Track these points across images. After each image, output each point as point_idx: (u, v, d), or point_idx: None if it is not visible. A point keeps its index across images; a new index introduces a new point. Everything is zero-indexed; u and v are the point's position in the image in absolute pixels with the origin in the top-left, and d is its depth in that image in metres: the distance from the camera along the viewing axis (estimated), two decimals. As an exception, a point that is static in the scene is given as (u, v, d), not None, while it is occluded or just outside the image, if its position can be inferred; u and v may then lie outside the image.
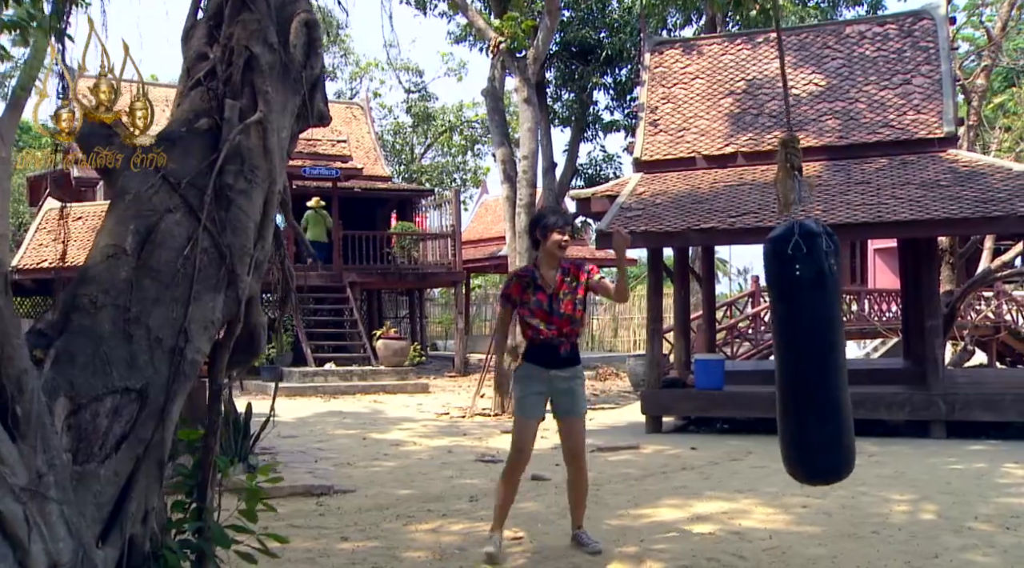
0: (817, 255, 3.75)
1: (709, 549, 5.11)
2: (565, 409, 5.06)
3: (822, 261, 3.77)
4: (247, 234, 3.33)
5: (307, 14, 3.63)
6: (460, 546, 5.28)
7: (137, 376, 3.04)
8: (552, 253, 4.96)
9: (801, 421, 4.02)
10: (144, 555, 3.16)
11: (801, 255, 3.76)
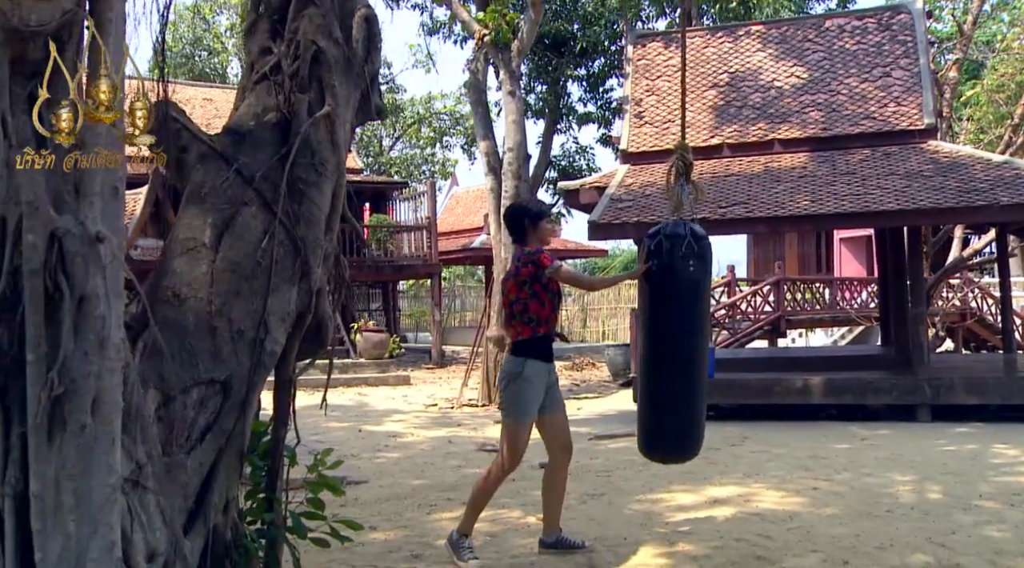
0: (675, 255, 4.17)
1: (734, 530, 5.26)
2: (558, 401, 4.79)
3: (677, 262, 4.19)
4: (319, 226, 3.38)
5: (367, 9, 3.67)
6: (490, 533, 5.36)
7: (221, 368, 3.07)
8: (543, 241, 4.74)
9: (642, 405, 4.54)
10: (226, 544, 3.21)
11: (661, 252, 4.21)
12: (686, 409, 4.37)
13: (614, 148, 19.90)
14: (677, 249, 4.15)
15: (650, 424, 4.48)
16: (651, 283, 4.30)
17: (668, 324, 4.34)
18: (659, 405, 4.42)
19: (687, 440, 4.44)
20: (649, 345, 4.40)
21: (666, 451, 4.58)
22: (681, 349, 4.32)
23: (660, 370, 4.37)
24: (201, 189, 3.25)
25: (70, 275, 2.19)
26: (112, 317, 2.28)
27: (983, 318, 17.93)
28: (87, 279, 2.21)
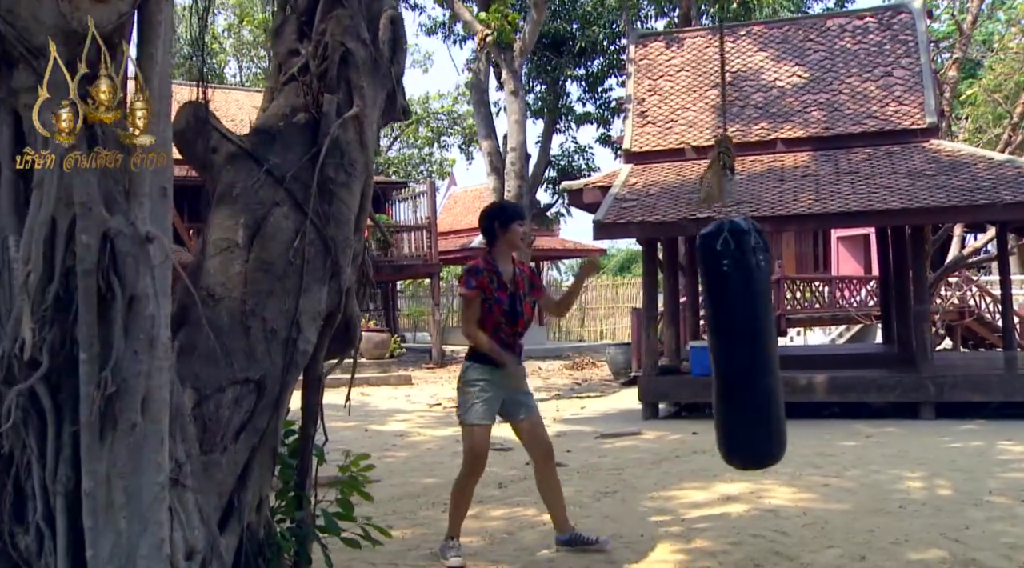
0: (745, 251, 3.90)
1: (749, 526, 5.30)
2: (527, 408, 4.79)
3: (749, 257, 3.92)
4: (349, 226, 3.41)
5: (393, 10, 3.70)
6: (507, 531, 5.39)
7: (255, 367, 3.10)
8: (512, 246, 4.68)
9: (732, 411, 4.17)
10: (259, 542, 3.23)
11: (729, 251, 3.91)
12: (782, 408, 4.11)
13: (613, 147, 19.99)
14: (746, 244, 3.88)
15: (752, 431, 4.10)
16: (728, 282, 3.97)
17: (754, 322, 4.00)
18: (759, 408, 4.03)
19: (784, 440, 4.14)
20: (739, 346, 4.02)
21: (769, 456, 4.23)
22: (770, 345, 4.07)
23: (757, 370, 4.00)
24: (232, 189, 3.27)
25: (121, 275, 2.21)
26: (161, 317, 2.31)
27: (981, 316, 18.01)
28: (137, 279, 2.24)
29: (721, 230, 3.92)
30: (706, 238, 4.02)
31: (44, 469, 2.27)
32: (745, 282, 3.93)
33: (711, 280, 4.11)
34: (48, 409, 2.22)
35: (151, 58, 2.25)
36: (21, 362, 2.19)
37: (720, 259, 3.93)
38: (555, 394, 14.15)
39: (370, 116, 3.53)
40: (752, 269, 3.91)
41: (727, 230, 3.90)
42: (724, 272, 3.94)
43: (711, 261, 3.99)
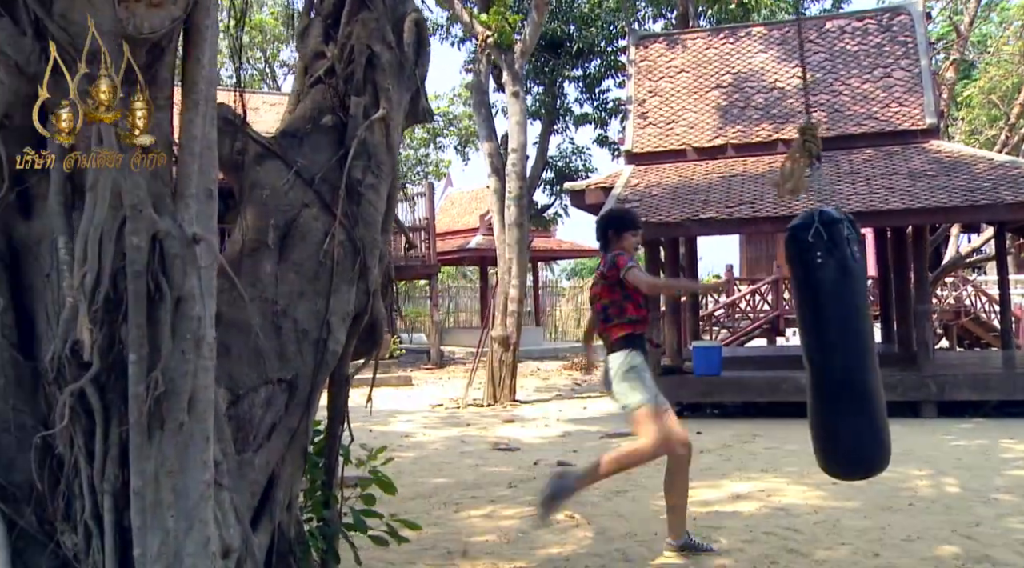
0: (839, 242, 3.67)
1: (762, 524, 5.34)
2: (665, 399, 4.78)
3: (844, 248, 3.69)
4: (376, 227, 3.44)
5: (417, 13, 3.73)
6: (522, 530, 5.42)
7: (287, 367, 3.13)
8: (629, 252, 4.82)
9: (834, 411, 3.84)
10: (289, 541, 3.26)
11: (822, 243, 3.66)
12: (885, 408, 3.82)
13: (610, 148, 20.03)
14: (840, 235, 3.65)
15: (857, 433, 3.79)
16: (826, 276, 3.71)
17: (853, 316, 3.78)
18: (866, 408, 3.75)
19: (889, 443, 3.84)
20: (838, 342, 3.76)
21: (876, 461, 3.86)
22: (871, 340, 3.87)
23: (862, 368, 3.74)
24: (262, 191, 3.30)
25: (169, 276, 2.24)
26: (207, 317, 2.34)
27: (977, 316, 18.12)
28: (184, 280, 2.26)
29: (812, 221, 3.68)
30: (797, 230, 3.76)
31: (92, 468, 2.30)
32: (841, 274, 3.69)
33: (804, 274, 3.83)
34: (97, 409, 2.25)
35: (198, 62, 2.28)
36: (71, 363, 2.22)
37: (813, 251, 3.67)
38: (556, 394, 14.18)
39: (395, 118, 3.56)
40: (848, 260, 3.68)
41: (818, 221, 3.65)
42: (819, 264, 3.68)
43: (803, 254, 3.73)
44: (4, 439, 2.36)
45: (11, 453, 2.37)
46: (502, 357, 12.71)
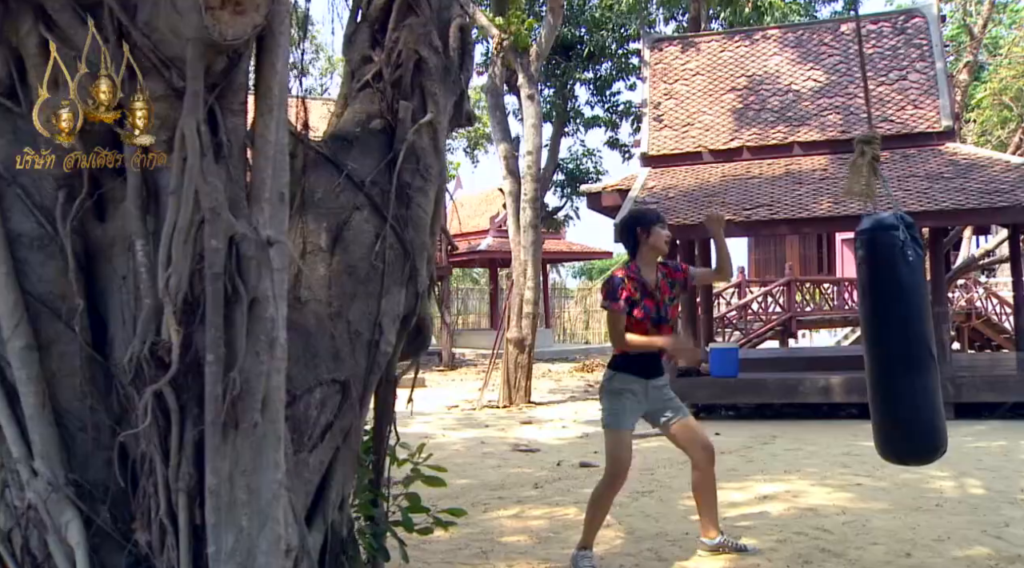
0: (920, 243, 3.88)
1: (792, 525, 5.38)
2: (675, 411, 4.73)
3: (920, 249, 3.90)
4: (425, 230, 3.48)
5: (461, 19, 3.77)
6: (552, 530, 5.46)
7: (341, 368, 3.16)
8: (658, 250, 4.62)
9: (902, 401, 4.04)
10: (342, 540, 3.30)
11: (910, 243, 3.81)
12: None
13: (621, 151, 20.10)
14: (919, 236, 3.88)
15: (928, 423, 4.05)
16: (902, 278, 3.88)
17: (923, 312, 4.02)
18: (930, 400, 4.02)
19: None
20: (909, 335, 3.97)
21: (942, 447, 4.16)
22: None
23: (925, 364, 3.97)
24: (313, 194, 3.34)
25: (245, 279, 2.28)
26: (279, 319, 2.38)
27: (988, 318, 18.13)
28: (259, 282, 2.31)
29: (899, 223, 3.83)
30: (882, 231, 3.88)
31: (167, 467, 2.34)
32: (917, 272, 3.91)
33: (889, 273, 3.93)
34: (173, 409, 2.28)
35: (272, 67, 2.32)
36: (150, 363, 2.26)
37: (905, 250, 3.81)
38: (570, 396, 14.22)
39: (442, 122, 3.60)
40: (920, 260, 3.92)
41: (903, 223, 3.82)
42: (910, 262, 3.82)
43: (891, 252, 3.85)
44: (80, 438, 2.40)
45: (87, 452, 2.41)
46: (517, 359, 12.75)
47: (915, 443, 4.13)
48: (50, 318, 2.35)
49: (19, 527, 2.41)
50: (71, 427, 2.40)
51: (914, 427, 4.10)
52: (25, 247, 2.32)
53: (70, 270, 2.32)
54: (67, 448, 2.38)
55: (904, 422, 4.10)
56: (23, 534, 2.41)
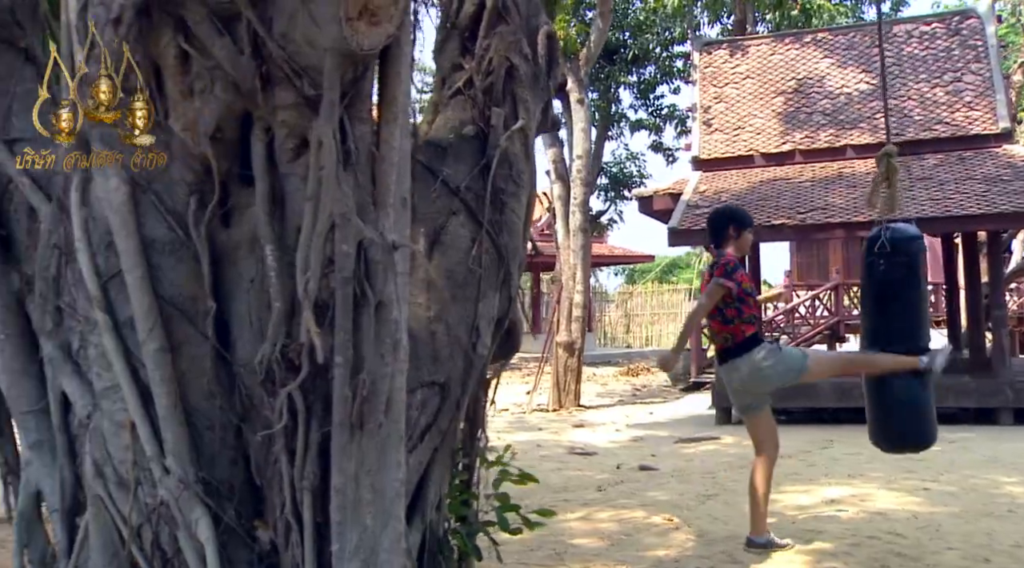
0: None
1: (863, 529, 5.35)
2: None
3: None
4: (519, 235, 3.52)
5: (549, 26, 3.82)
6: (623, 532, 5.49)
7: (441, 371, 3.22)
8: (741, 252, 5.02)
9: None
10: (439, 539, 3.36)
11: (923, 250, 4.72)
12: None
13: (665, 154, 20.06)
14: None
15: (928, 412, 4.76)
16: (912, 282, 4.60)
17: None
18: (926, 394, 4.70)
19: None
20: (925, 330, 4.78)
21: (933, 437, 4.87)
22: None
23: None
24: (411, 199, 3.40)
25: (372, 282, 2.34)
26: (402, 322, 2.44)
27: (1041, 322, 17.83)
28: (385, 285, 2.37)
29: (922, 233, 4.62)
30: (915, 240, 4.70)
31: (292, 467, 2.40)
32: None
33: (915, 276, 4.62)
34: (300, 410, 2.35)
35: (398, 76, 2.38)
36: (280, 366, 2.33)
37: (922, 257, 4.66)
38: (618, 400, 14.22)
39: (533, 128, 3.65)
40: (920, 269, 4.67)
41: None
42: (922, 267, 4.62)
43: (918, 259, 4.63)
44: (207, 437, 2.47)
45: (213, 451, 2.48)
46: (567, 362, 12.77)
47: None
48: (180, 321, 2.42)
49: (149, 524, 2.48)
50: (199, 426, 2.47)
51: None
52: (157, 252, 2.40)
53: (203, 274, 2.39)
54: (196, 447, 2.45)
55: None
56: (153, 530, 2.48)
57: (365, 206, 2.36)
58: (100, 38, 2.31)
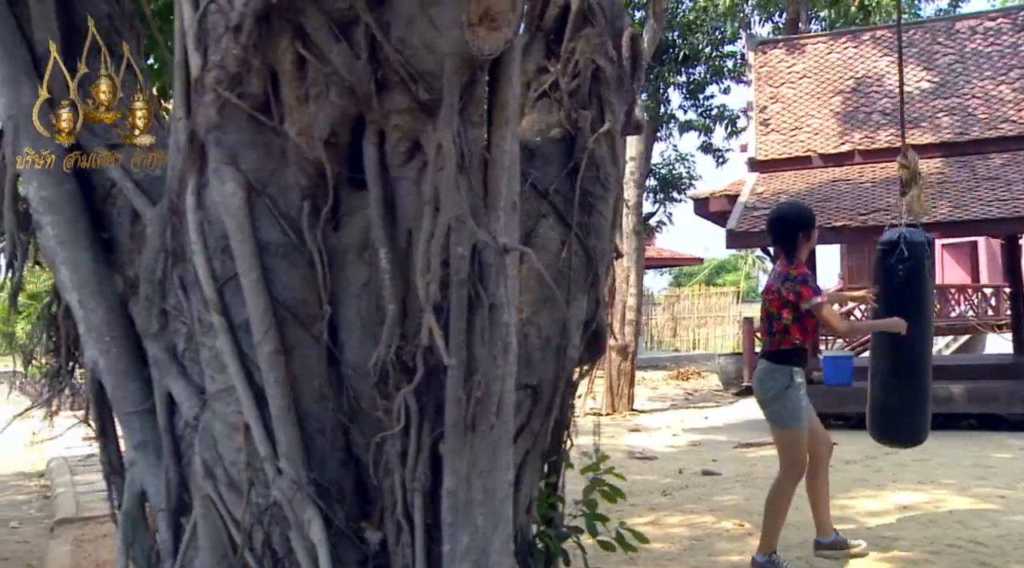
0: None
1: (942, 536, 5.25)
2: (808, 404, 4.83)
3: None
4: (606, 238, 3.52)
5: (632, 28, 3.81)
6: (694, 537, 5.44)
7: (533, 373, 3.22)
8: (806, 253, 4.77)
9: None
10: (529, 541, 3.36)
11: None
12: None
13: (715, 155, 19.86)
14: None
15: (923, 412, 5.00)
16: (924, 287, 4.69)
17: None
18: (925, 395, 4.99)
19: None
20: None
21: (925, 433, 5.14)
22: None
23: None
24: (500, 202, 3.41)
25: (485, 285, 2.35)
26: (512, 324, 2.44)
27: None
28: (497, 288, 2.37)
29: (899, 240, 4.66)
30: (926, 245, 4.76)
31: (404, 468, 2.41)
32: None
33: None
34: (414, 412, 2.36)
35: (509, 80, 2.39)
36: (395, 368, 2.34)
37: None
38: (671, 404, 14.12)
39: (619, 131, 3.64)
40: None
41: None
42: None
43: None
44: (318, 439, 2.50)
45: (324, 453, 2.51)
46: (620, 366, 12.72)
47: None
48: (293, 324, 2.45)
49: (261, 524, 2.52)
50: (310, 429, 2.49)
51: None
52: (271, 255, 2.43)
53: (318, 277, 2.42)
54: (307, 449, 2.47)
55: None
56: (265, 531, 2.51)
57: (477, 209, 2.37)
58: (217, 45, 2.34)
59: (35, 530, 6.43)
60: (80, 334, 3.05)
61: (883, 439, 5.20)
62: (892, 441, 5.33)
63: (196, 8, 2.40)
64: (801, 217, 4.78)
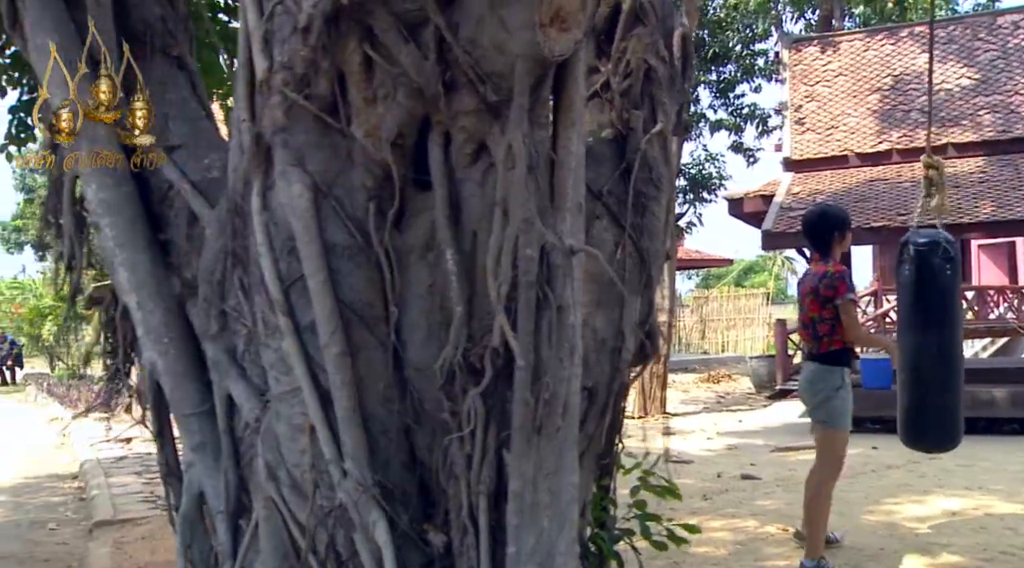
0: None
1: (993, 543, 5.17)
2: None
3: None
4: (659, 239, 3.49)
5: (683, 28, 3.77)
6: (738, 542, 5.40)
7: (589, 375, 3.18)
8: (840, 254, 4.83)
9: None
10: (583, 544, 3.34)
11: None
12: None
13: (746, 155, 19.72)
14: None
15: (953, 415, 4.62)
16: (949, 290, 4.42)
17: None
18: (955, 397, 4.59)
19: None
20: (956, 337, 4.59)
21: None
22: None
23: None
24: (554, 203, 3.39)
25: (552, 286, 2.33)
26: (578, 327, 2.42)
27: None
28: (563, 290, 2.36)
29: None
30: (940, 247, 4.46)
31: (469, 470, 2.40)
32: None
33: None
34: (480, 414, 2.35)
35: (575, 81, 2.38)
36: (463, 370, 2.33)
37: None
38: (703, 407, 14.03)
39: (671, 131, 3.61)
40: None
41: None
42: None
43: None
44: (382, 442, 2.49)
45: (388, 454, 2.50)
46: (652, 368, 12.64)
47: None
48: (359, 325, 2.44)
49: (324, 526, 2.51)
50: (374, 431, 2.48)
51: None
52: (337, 256, 2.42)
53: (381, 279, 2.42)
54: (372, 451, 2.47)
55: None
56: (329, 532, 2.51)
57: (544, 210, 2.35)
58: (283, 47, 2.35)
59: (73, 532, 6.49)
60: (138, 336, 3.06)
61: (909, 444, 4.98)
62: (917, 446, 5.07)
63: (261, 10, 2.40)
64: (834, 219, 4.81)
